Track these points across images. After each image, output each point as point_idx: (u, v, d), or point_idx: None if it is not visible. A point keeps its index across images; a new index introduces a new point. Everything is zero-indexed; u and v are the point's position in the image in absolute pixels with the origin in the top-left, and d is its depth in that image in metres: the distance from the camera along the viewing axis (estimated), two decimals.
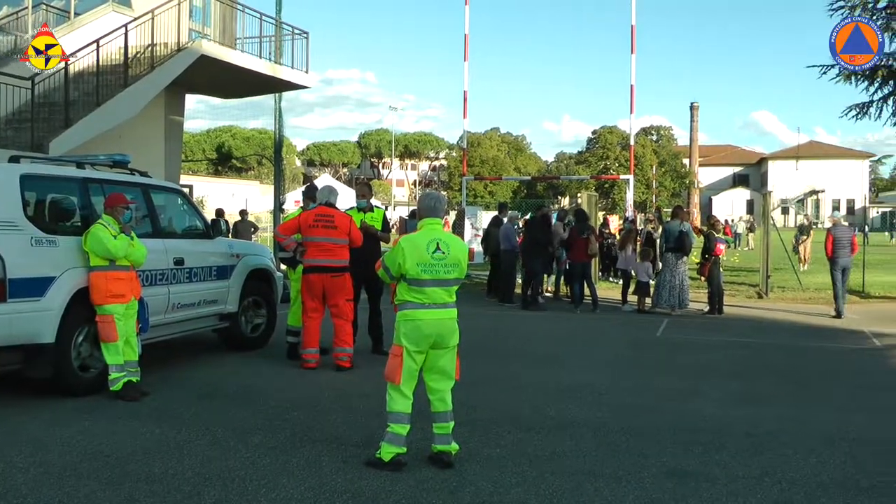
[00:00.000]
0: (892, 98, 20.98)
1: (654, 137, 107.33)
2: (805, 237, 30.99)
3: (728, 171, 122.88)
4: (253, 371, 10.42)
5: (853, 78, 20.51)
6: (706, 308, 17.31)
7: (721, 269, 17.76)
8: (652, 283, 17.66)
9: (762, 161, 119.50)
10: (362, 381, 9.56)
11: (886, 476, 6.58)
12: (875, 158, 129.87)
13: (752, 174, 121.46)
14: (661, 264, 17.55)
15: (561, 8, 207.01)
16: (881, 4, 19.35)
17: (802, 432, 7.86)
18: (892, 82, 20.59)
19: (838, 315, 17.20)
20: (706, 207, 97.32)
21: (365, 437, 7.03)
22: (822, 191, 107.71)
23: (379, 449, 6.38)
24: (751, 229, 50.40)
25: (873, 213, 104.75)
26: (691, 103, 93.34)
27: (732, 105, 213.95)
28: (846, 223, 18.67)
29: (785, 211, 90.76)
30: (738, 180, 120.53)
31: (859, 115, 21.60)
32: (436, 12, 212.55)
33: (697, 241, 18.41)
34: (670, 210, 18.71)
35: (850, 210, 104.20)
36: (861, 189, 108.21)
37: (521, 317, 16.76)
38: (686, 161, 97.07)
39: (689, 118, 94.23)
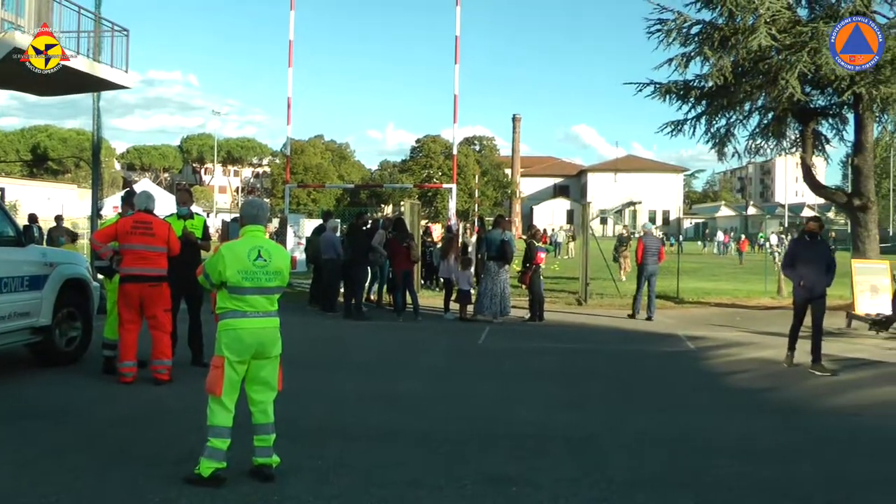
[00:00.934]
0: (704, 117, 21.99)
1: (477, 147, 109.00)
2: (625, 248, 32.13)
3: (549, 182, 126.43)
4: (68, 387, 9.89)
5: (668, 97, 21.38)
6: (527, 315, 17.66)
7: (541, 277, 18.16)
8: (473, 291, 17.90)
9: (582, 173, 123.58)
10: (182, 395, 9.24)
11: (701, 472, 6.88)
12: (689, 173, 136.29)
13: (572, 185, 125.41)
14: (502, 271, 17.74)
15: (387, 17, 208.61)
16: (694, 30, 20.24)
17: (622, 433, 8.12)
18: (704, 102, 21.57)
19: (633, 315, 18.31)
20: (527, 217, 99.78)
21: (185, 453, 6.77)
22: (639, 202, 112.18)
23: (198, 465, 6.17)
24: (571, 238, 51.92)
25: (687, 223, 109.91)
26: (514, 115, 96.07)
27: (554, 118, 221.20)
28: (656, 233, 19.54)
29: (604, 221, 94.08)
30: (559, 191, 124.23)
31: (674, 132, 22.51)
32: (261, 16, 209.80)
33: (519, 250, 18.80)
34: (492, 219, 19.00)
35: (666, 221, 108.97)
36: (676, 201, 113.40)
37: (344, 326, 16.66)
38: (508, 171, 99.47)
39: (512, 129, 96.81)
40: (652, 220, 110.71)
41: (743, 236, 48.27)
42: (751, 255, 52.24)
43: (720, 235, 64.58)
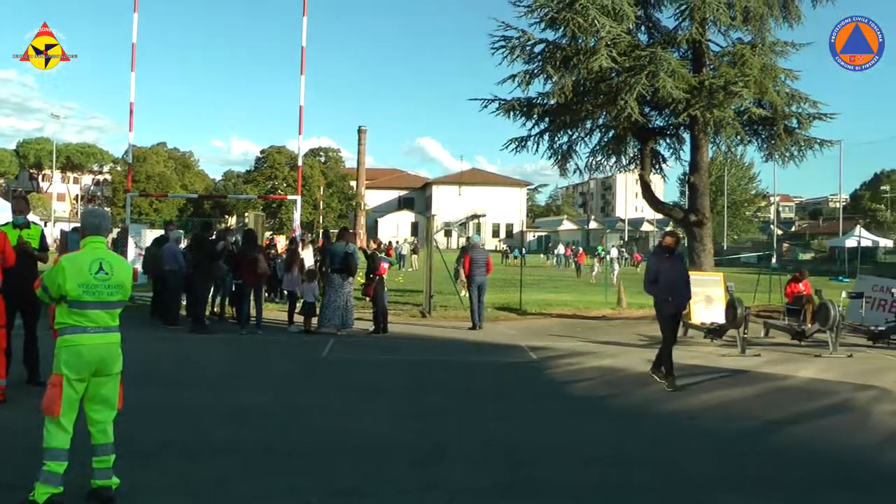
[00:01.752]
0: (547, 134, 22.53)
1: (323, 159, 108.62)
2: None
3: (394, 195, 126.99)
4: None
5: (512, 113, 21.80)
6: (371, 328, 17.63)
7: (385, 289, 18.20)
8: (318, 303, 17.78)
9: (427, 185, 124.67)
10: (16, 416, 8.72)
11: (544, 478, 7.05)
12: (532, 187, 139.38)
13: (417, 198, 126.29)
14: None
15: (232, 25, 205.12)
16: (538, 49, 20.71)
17: (467, 443, 8.22)
18: (547, 119, 22.10)
19: (474, 327, 18.48)
20: (372, 229, 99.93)
21: (19, 478, 6.35)
22: (484, 215, 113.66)
23: (33, 490, 5.82)
24: (415, 251, 52.23)
25: (530, 236, 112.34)
26: (359, 127, 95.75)
27: (399, 130, 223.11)
28: (482, 245, 19.97)
29: (448, 234, 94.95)
30: (404, 203, 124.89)
31: (518, 149, 22.96)
32: (101, 17, 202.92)
33: (362, 262, 18.79)
34: (336, 231, 18.89)
35: (509, 234, 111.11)
36: (519, 214, 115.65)
37: (186, 339, 16.21)
38: (353, 183, 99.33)
39: (357, 141, 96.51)
40: (496, 232, 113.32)
41: (581, 249, 49.61)
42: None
43: (561, 248, 66.23)
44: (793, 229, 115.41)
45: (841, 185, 76.93)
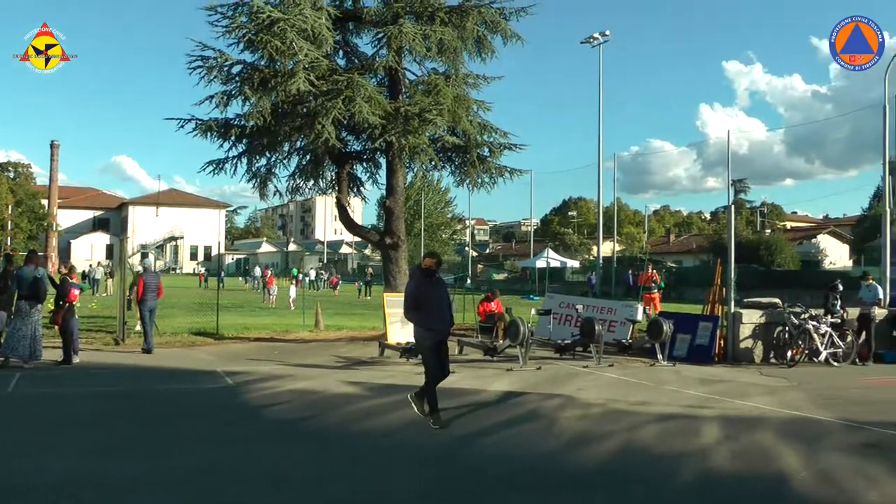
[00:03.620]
0: (245, 156, 22.27)
1: (12, 174, 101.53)
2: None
3: (89, 215, 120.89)
4: None
5: (209, 134, 21.36)
6: (61, 358, 16.64)
7: (76, 317, 17.34)
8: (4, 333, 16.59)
9: (123, 205, 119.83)
10: None
11: (238, 499, 7.09)
12: (232, 208, 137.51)
13: (113, 218, 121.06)
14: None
15: None
16: (236, 70, 20.45)
17: (162, 473, 8.02)
18: (245, 141, 21.86)
19: (149, 351, 18.27)
20: (65, 251, 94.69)
21: None
22: (181, 237, 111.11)
23: None
24: (110, 274, 49.99)
25: (229, 259, 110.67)
26: (52, 141, 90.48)
27: (95, 147, 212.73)
28: (155, 270, 19.80)
29: (144, 256, 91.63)
30: (99, 224, 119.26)
31: (216, 171, 22.54)
32: None
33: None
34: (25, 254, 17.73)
35: (208, 256, 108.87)
36: (218, 236, 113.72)
37: None
38: (45, 202, 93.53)
39: (50, 157, 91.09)
40: (194, 255, 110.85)
41: (270, 272, 49.38)
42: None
43: (258, 271, 65.62)
44: (487, 251, 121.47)
45: (532, 210, 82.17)
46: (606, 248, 69.00)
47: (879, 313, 19.94)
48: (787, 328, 18.12)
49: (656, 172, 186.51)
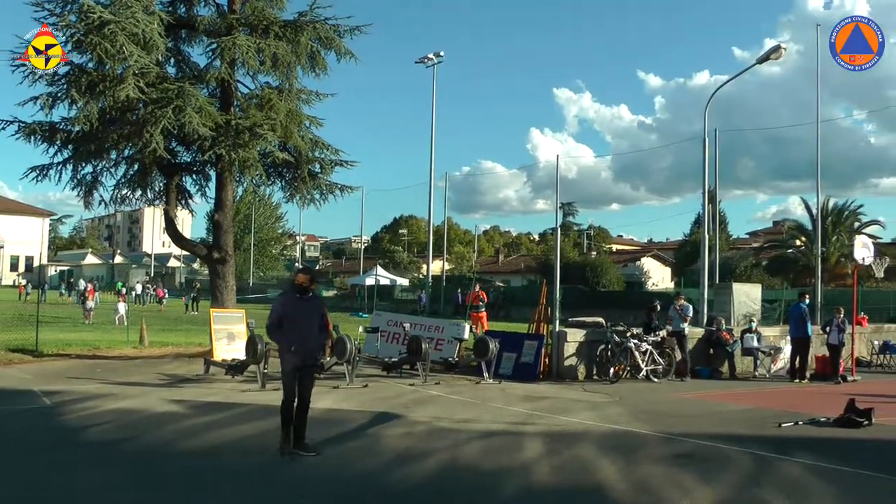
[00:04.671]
0: (71, 162, 21.36)
1: None
2: None
3: None
4: None
5: (32, 138, 20.41)
6: None
7: None
8: None
9: None
10: None
11: None
12: (56, 217, 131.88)
13: None
14: None
15: None
16: (62, 71, 19.57)
17: None
18: (71, 147, 20.96)
19: None
20: None
21: None
22: (1, 246, 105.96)
23: None
24: None
25: (52, 270, 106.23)
26: None
27: None
28: None
29: None
30: None
31: (40, 177, 21.53)
32: None
33: None
34: None
35: (29, 268, 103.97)
36: (41, 246, 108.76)
37: None
38: None
39: None
40: (14, 266, 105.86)
41: (90, 285, 47.45)
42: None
43: (82, 284, 63.17)
44: (317, 267, 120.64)
45: (363, 227, 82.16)
46: (436, 267, 69.66)
47: (696, 332, 20.89)
48: (609, 346, 18.77)
49: (487, 193, 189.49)
